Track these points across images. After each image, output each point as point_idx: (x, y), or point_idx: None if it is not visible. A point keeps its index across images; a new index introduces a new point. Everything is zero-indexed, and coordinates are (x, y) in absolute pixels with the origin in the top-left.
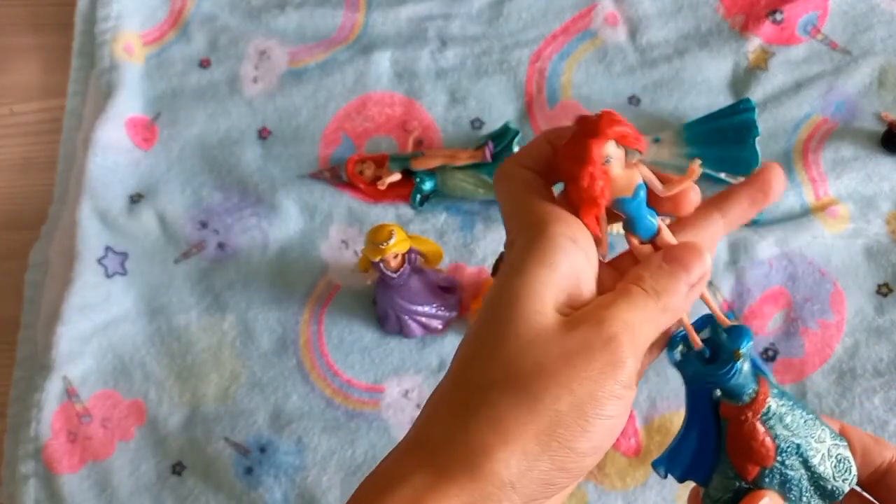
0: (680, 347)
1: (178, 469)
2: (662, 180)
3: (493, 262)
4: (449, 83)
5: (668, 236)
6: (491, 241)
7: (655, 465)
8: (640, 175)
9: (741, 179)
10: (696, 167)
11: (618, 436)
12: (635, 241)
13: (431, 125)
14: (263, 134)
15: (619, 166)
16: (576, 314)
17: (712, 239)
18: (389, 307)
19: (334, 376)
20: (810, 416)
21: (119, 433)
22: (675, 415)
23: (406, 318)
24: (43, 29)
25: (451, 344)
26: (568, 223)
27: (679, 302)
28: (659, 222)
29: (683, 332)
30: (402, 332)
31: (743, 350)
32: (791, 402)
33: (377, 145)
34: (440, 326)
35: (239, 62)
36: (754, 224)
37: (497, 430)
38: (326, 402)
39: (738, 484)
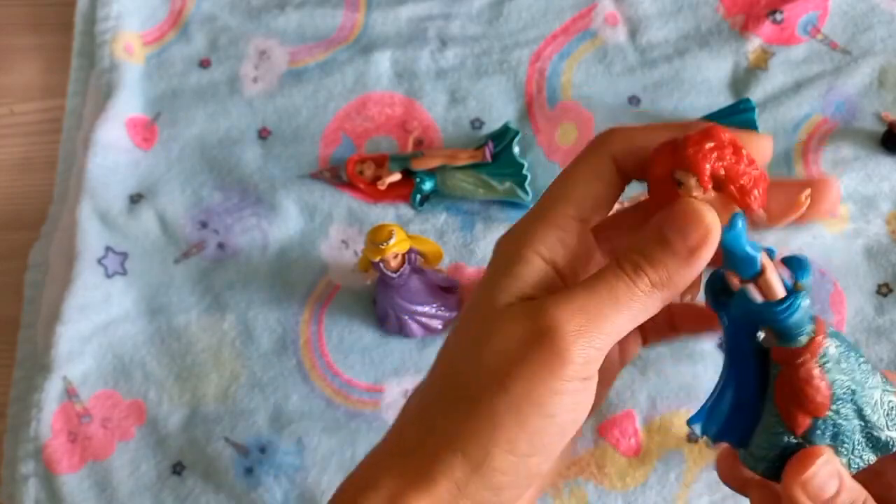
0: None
1: (178, 469)
2: (765, 209)
3: None
4: (449, 83)
5: (773, 279)
6: (491, 241)
7: (691, 422)
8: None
9: None
10: (804, 199)
11: (573, 433)
12: (735, 281)
13: (431, 125)
14: (263, 134)
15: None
16: (522, 305)
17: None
18: (389, 307)
19: (334, 376)
20: (864, 360)
21: (119, 433)
22: (676, 415)
23: (406, 318)
24: (43, 29)
25: None
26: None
27: (671, 277)
28: (763, 259)
29: (722, 271)
30: (402, 332)
31: (804, 282)
32: (846, 345)
33: (377, 145)
34: (440, 326)
35: (239, 62)
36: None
37: (446, 434)
38: (326, 403)
39: (786, 439)
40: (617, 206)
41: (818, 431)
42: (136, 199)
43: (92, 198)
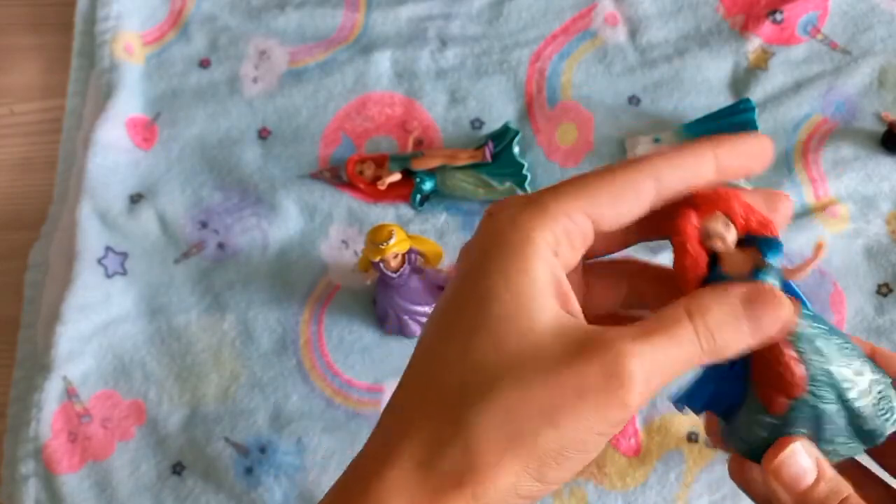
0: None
1: (178, 469)
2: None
3: None
4: (449, 83)
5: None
6: None
7: (674, 400)
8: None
9: (740, 180)
10: (822, 246)
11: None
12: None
13: (431, 125)
14: (263, 134)
15: (726, 244)
16: (585, 330)
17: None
18: (389, 307)
19: (334, 376)
20: (848, 345)
21: (119, 433)
22: (676, 415)
23: (406, 318)
24: (43, 29)
25: None
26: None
27: (732, 352)
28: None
29: None
30: (402, 332)
31: (771, 261)
32: (827, 328)
33: (377, 145)
34: None
35: (239, 62)
36: None
37: (479, 454)
38: (326, 403)
39: (766, 420)
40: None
41: (797, 412)
42: (136, 199)
43: (92, 198)
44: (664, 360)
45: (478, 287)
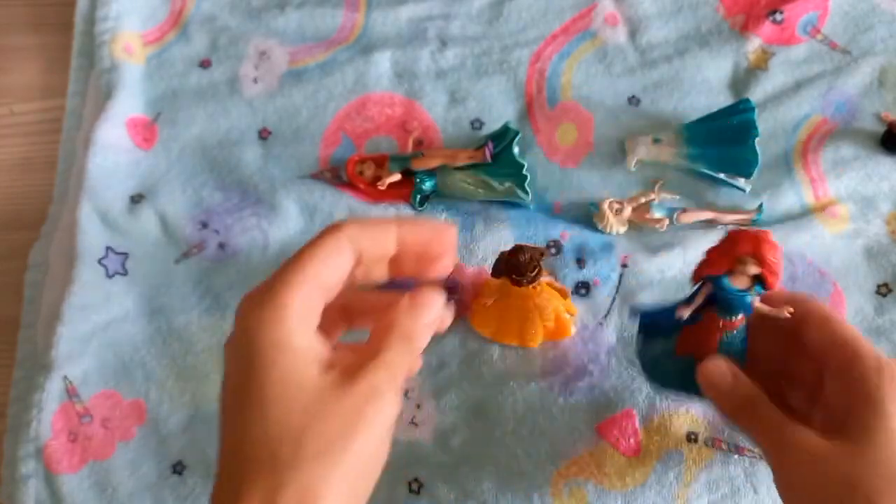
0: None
1: (178, 469)
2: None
3: (494, 262)
4: (449, 83)
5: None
6: (491, 241)
7: (631, 311)
8: None
9: (740, 180)
10: (788, 313)
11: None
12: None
13: (431, 125)
14: (263, 134)
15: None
16: (343, 373)
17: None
18: None
19: None
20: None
21: (119, 433)
22: (675, 414)
23: None
24: (43, 29)
25: (450, 344)
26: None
27: (425, 339)
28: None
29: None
30: None
31: (758, 290)
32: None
33: (377, 145)
34: None
35: (239, 62)
36: (753, 224)
37: (308, 488)
38: None
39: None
40: (617, 205)
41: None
42: (136, 199)
43: (92, 198)
44: (397, 361)
45: (255, 375)
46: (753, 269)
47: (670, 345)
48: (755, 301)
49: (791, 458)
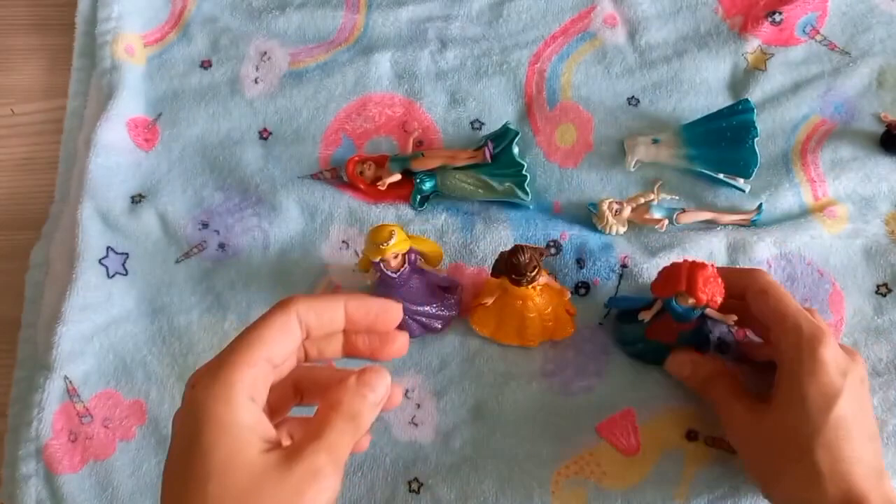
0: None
1: None
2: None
3: (494, 261)
4: (449, 84)
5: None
6: (491, 241)
7: (607, 302)
8: None
9: (739, 180)
10: (732, 321)
11: None
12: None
13: (431, 126)
14: (264, 135)
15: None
16: (284, 450)
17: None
18: None
19: None
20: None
21: (120, 433)
22: (674, 414)
23: (406, 317)
24: (44, 30)
25: (450, 344)
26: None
27: (370, 418)
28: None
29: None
30: None
31: (702, 311)
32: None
33: (377, 146)
34: (440, 326)
35: (240, 63)
36: (753, 224)
37: None
38: None
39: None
40: (616, 206)
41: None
42: (137, 199)
43: (93, 198)
44: (340, 442)
45: (199, 451)
46: (691, 301)
47: (641, 330)
48: (706, 310)
49: (731, 423)
